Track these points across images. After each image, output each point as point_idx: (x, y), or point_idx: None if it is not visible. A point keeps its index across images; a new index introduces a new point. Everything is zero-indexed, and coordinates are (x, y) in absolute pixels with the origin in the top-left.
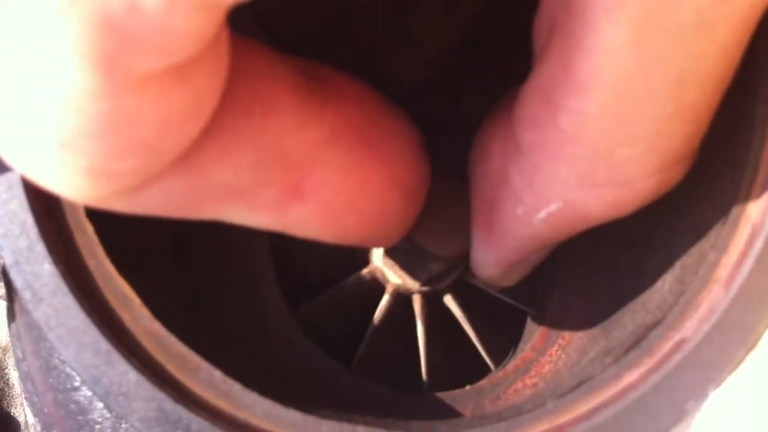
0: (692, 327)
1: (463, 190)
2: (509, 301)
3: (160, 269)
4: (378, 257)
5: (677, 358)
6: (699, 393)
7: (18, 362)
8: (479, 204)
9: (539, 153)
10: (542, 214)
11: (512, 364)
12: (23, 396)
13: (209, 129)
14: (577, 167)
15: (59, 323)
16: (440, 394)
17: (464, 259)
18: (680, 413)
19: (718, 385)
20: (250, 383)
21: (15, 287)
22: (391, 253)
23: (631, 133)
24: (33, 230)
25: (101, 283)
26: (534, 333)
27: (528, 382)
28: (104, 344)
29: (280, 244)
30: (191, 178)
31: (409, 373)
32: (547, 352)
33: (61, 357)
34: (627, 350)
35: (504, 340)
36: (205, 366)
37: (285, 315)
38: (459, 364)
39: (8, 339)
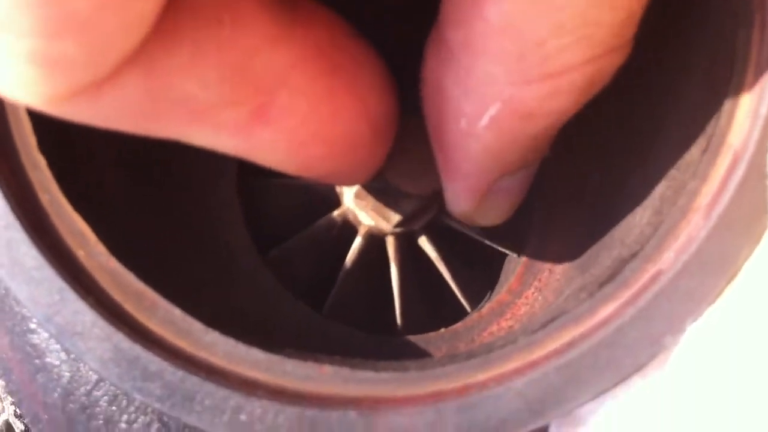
0: (670, 258)
1: None
2: (485, 242)
3: (117, 208)
4: (350, 198)
5: (654, 290)
6: (677, 326)
7: None
8: (432, 131)
9: (469, 52)
10: (484, 120)
11: (487, 307)
12: None
13: (176, 35)
14: (508, 63)
15: (12, 261)
16: (413, 338)
17: (438, 197)
18: (657, 347)
19: (696, 318)
20: (213, 325)
21: None
22: (363, 193)
23: (557, 21)
24: None
25: (55, 219)
26: (510, 275)
27: (503, 324)
28: (58, 282)
29: (248, 187)
30: (155, 86)
31: (383, 317)
32: (524, 294)
33: (15, 296)
34: (602, 284)
35: (480, 283)
36: (163, 304)
37: (254, 260)
38: (434, 308)
39: None
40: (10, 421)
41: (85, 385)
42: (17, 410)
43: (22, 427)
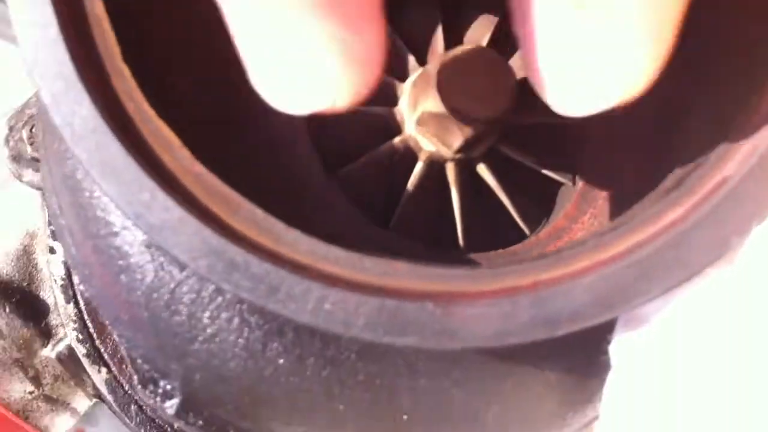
0: (734, 165)
1: (491, 54)
2: (542, 170)
3: (194, 118)
4: (411, 126)
5: (720, 194)
6: (742, 227)
7: (54, 218)
8: None
9: None
10: None
11: (545, 231)
12: (53, 279)
13: None
14: None
15: (102, 162)
16: (474, 255)
17: (498, 123)
18: (724, 247)
19: (761, 221)
20: None
21: (54, 125)
22: (424, 120)
23: None
24: (70, 70)
25: (140, 125)
26: (566, 203)
27: (561, 246)
28: (147, 181)
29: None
30: None
31: (445, 237)
32: (580, 220)
33: (105, 195)
34: (668, 191)
35: (537, 210)
36: (246, 204)
37: (322, 178)
38: (493, 232)
39: (35, 226)
40: (73, 345)
41: (169, 284)
42: (79, 336)
43: (84, 351)
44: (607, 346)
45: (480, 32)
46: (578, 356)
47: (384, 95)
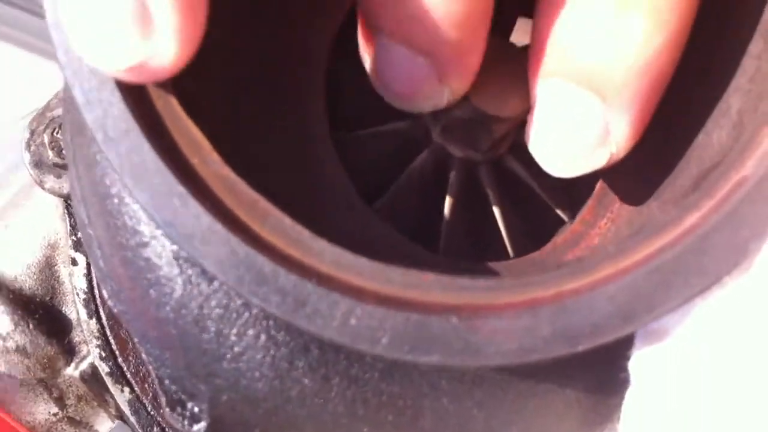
0: (753, 164)
1: (514, 49)
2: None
3: (225, 123)
4: (437, 134)
5: (738, 196)
6: (761, 231)
7: (82, 228)
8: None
9: None
10: None
11: (561, 237)
12: (75, 293)
13: None
14: None
15: (133, 165)
16: (493, 264)
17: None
18: (743, 252)
19: None
20: None
21: (85, 126)
22: (449, 126)
23: None
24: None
25: (171, 125)
26: (583, 206)
27: (578, 253)
28: (178, 188)
29: (341, 141)
30: None
31: (490, 244)
32: (597, 224)
33: (135, 201)
34: (686, 194)
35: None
36: (274, 212)
37: (362, 208)
38: (535, 227)
39: (56, 236)
40: (96, 363)
41: (197, 298)
42: (102, 353)
43: (107, 370)
44: (627, 363)
45: None
46: (598, 374)
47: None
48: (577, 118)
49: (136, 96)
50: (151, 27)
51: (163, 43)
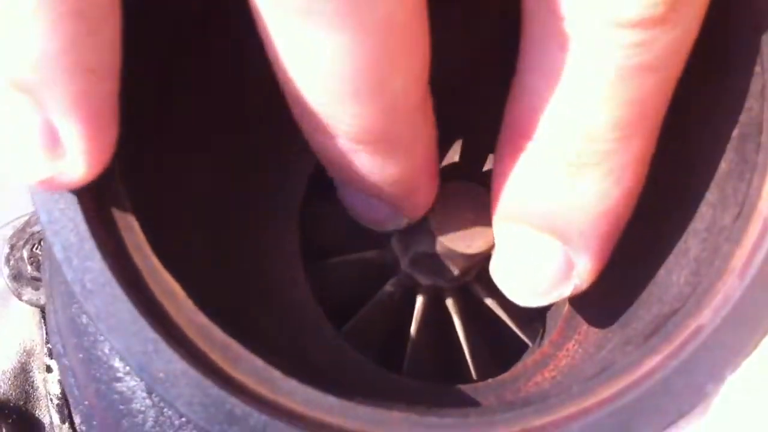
0: (709, 314)
1: (482, 194)
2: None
3: (200, 269)
4: (406, 264)
5: (695, 343)
6: (717, 376)
7: (58, 357)
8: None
9: None
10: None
11: (531, 358)
12: (49, 399)
13: None
14: None
15: (109, 314)
16: (463, 387)
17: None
18: (700, 395)
19: (735, 369)
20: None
21: (66, 280)
22: (418, 259)
23: None
24: (83, 226)
25: (147, 277)
26: (551, 328)
27: (547, 375)
28: (151, 333)
29: (313, 266)
30: None
31: (454, 371)
32: (564, 346)
33: (110, 346)
34: (647, 338)
35: (536, 317)
36: (246, 355)
37: (330, 332)
38: (497, 353)
39: (32, 342)
40: None
41: (168, 429)
42: None
43: None
44: None
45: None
46: None
47: (375, 236)
48: (539, 257)
49: (114, 251)
50: (59, 150)
51: (70, 164)
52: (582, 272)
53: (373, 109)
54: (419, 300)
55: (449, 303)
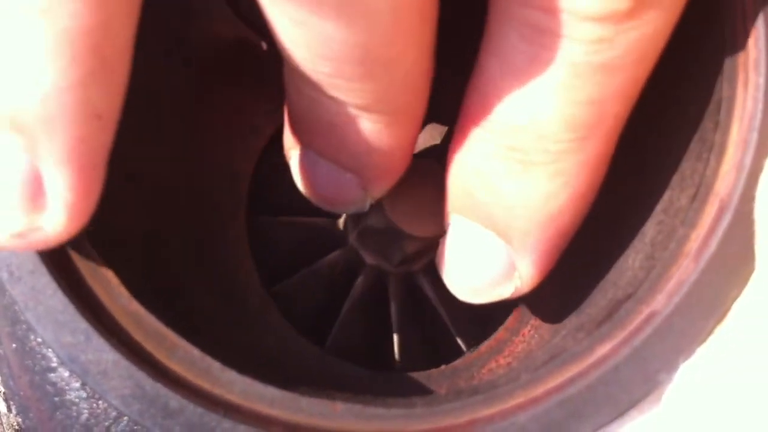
0: (663, 300)
1: (439, 172)
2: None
3: (136, 255)
4: (353, 237)
5: (648, 330)
6: (670, 364)
7: None
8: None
9: None
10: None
11: (486, 344)
12: None
13: None
14: None
15: (37, 302)
16: (415, 374)
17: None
18: (652, 384)
19: (688, 357)
20: (228, 364)
21: None
22: (366, 234)
23: None
24: None
25: (79, 263)
26: (507, 314)
27: (502, 361)
28: (82, 323)
29: (257, 226)
30: None
31: (383, 353)
32: (520, 332)
33: (39, 337)
34: (599, 324)
35: (478, 321)
36: (183, 344)
37: (263, 297)
38: (433, 346)
39: None
40: None
41: (104, 422)
42: None
43: None
44: None
45: (426, 142)
46: None
47: None
48: (483, 254)
49: None
50: (40, 201)
51: (50, 219)
52: (524, 275)
53: (388, 80)
54: (360, 279)
55: (391, 289)
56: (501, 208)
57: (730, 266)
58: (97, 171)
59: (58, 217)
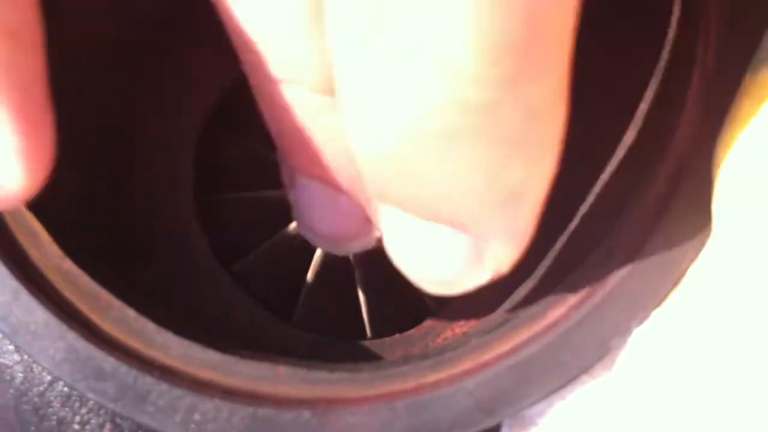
0: (616, 263)
1: None
2: None
3: (72, 208)
4: None
5: (601, 294)
6: (623, 329)
7: None
8: None
9: None
10: None
11: (444, 311)
12: None
13: None
14: None
15: None
16: (368, 342)
17: None
18: (604, 349)
19: (641, 322)
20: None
21: None
22: None
23: None
24: None
25: (8, 218)
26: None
27: (458, 330)
28: (11, 280)
29: (205, 202)
30: None
31: (353, 322)
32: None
33: None
34: (551, 288)
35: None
36: (117, 304)
37: (219, 274)
38: (403, 311)
39: None
40: None
41: (39, 386)
42: None
43: None
44: None
45: None
46: None
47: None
48: (434, 249)
49: None
50: None
51: (4, 170)
52: (500, 256)
53: None
54: (318, 252)
55: (353, 258)
56: (432, 196)
57: (687, 229)
58: (37, 107)
59: (12, 168)
